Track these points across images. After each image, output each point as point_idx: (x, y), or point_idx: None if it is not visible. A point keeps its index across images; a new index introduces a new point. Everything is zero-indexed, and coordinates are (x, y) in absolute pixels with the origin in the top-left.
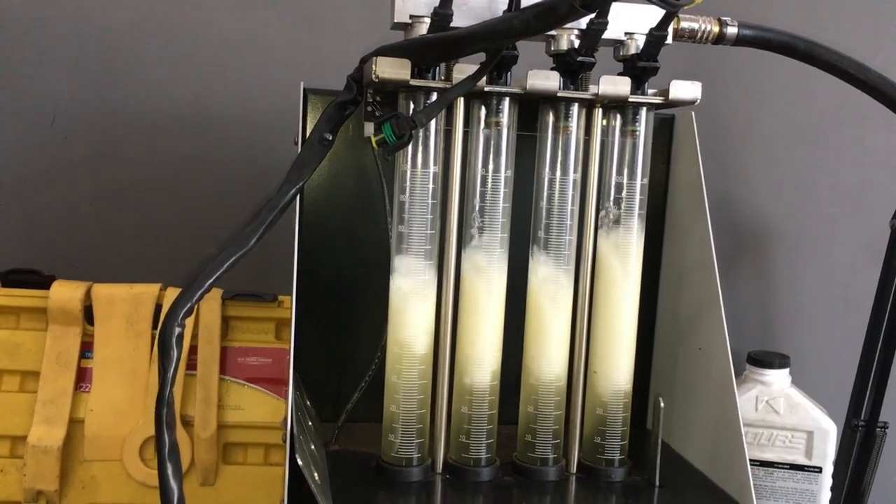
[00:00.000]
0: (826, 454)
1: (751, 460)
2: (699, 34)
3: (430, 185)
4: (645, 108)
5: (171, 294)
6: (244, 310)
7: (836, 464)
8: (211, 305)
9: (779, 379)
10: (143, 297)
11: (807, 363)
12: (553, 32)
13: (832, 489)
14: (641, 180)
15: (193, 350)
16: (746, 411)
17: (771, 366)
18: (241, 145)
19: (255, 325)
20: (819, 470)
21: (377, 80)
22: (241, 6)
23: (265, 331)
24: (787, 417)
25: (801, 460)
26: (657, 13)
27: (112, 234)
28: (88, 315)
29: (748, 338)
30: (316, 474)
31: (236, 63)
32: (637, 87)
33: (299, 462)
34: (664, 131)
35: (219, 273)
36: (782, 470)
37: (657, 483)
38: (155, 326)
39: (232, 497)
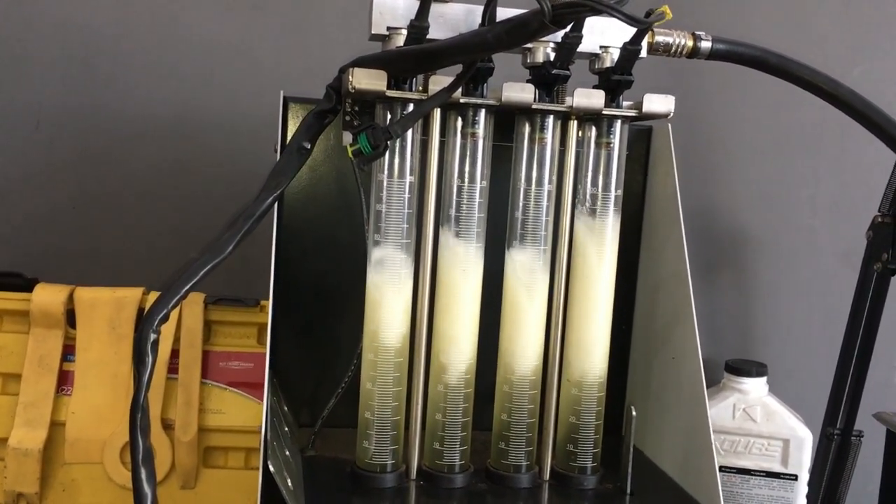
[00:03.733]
0: (802, 462)
1: (727, 468)
2: (673, 48)
3: (407, 195)
4: (619, 121)
5: (154, 298)
6: (226, 314)
7: (812, 472)
8: (193, 309)
9: (756, 387)
10: (126, 301)
11: (784, 372)
12: (529, 45)
13: (807, 497)
14: (616, 191)
15: (175, 354)
16: (724, 419)
17: (748, 374)
18: (224, 150)
19: (237, 329)
20: (795, 478)
21: (354, 91)
22: (227, 12)
23: (247, 335)
24: (763, 425)
25: (778, 468)
26: (632, 27)
27: (95, 238)
28: (71, 318)
29: (726, 346)
30: (289, 480)
31: (221, 68)
32: (612, 100)
33: (271, 468)
34: (641, 142)
35: (195, 280)
36: (758, 477)
37: (628, 490)
38: None
39: (212, 501)
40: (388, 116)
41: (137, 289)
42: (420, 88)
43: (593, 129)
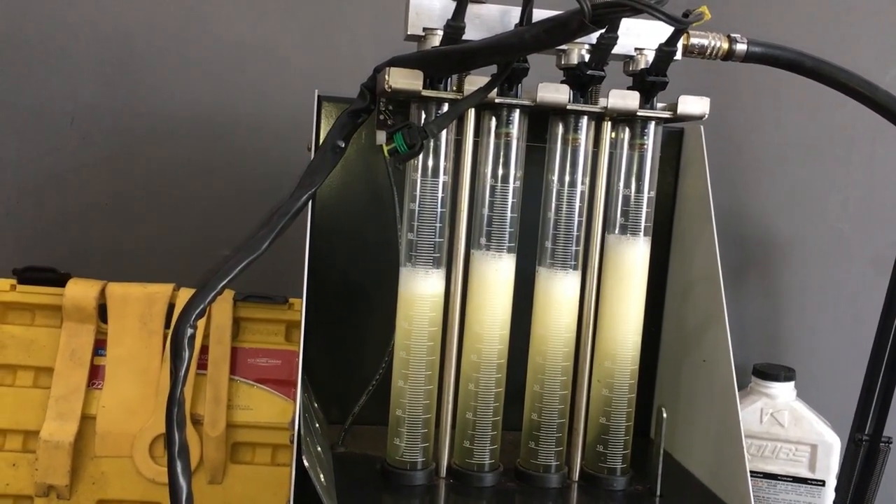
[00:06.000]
0: (829, 468)
1: (754, 472)
2: (708, 50)
3: (440, 194)
4: (653, 122)
5: (184, 294)
6: (255, 311)
7: (840, 478)
8: (223, 306)
9: (784, 392)
10: (157, 297)
11: (812, 376)
12: (564, 46)
13: (835, 503)
14: (648, 193)
15: (205, 350)
16: (751, 423)
17: (776, 378)
18: (255, 149)
19: (265, 326)
20: (822, 483)
21: (390, 90)
22: (258, 12)
23: (275, 332)
24: (791, 430)
25: (805, 473)
26: (667, 29)
27: (127, 234)
28: (102, 313)
29: (754, 350)
30: (322, 476)
31: (252, 68)
32: (646, 101)
33: (305, 463)
34: (673, 144)
35: (231, 276)
36: (786, 482)
37: (658, 493)
38: (167, 326)
39: (239, 496)
40: (423, 116)
41: (168, 285)
42: (454, 88)
43: (627, 130)
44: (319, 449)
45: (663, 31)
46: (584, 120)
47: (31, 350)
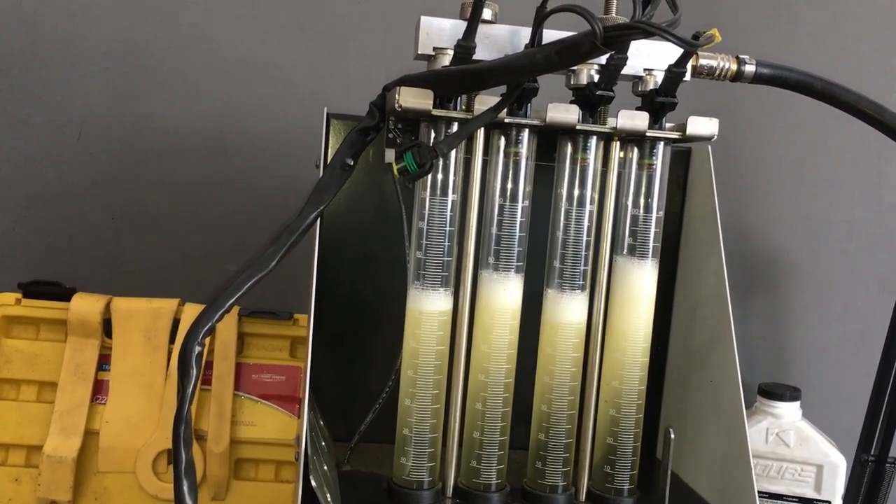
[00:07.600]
0: (835, 488)
1: (760, 492)
2: (717, 72)
3: (449, 213)
4: (662, 143)
5: (189, 309)
6: (260, 327)
7: (845, 498)
8: (227, 322)
9: (789, 412)
10: (161, 312)
11: (818, 396)
12: (573, 67)
13: None
14: (657, 213)
15: (209, 365)
16: (756, 443)
17: (782, 398)
18: (262, 166)
19: (270, 342)
20: None
21: (400, 109)
22: (268, 30)
23: (280, 348)
24: (797, 450)
25: (811, 494)
26: (676, 50)
27: (133, 250)
28: (107, 328)
29: (760, 370)
30: (328, 495)
31: (261, 85)
32: (655, 122)
33: (313, 483)
34: (681, 164)
35: (239, 294)
36: (791, 503)
37: None
38: (172, 341)
39: None
40: (433, 135)
41: (173, 300)
42: (464, 108)
43: (635, 150)
44: (326, 468)
45: (672, 52)
46: (593, 140)
47: (36, 364)
